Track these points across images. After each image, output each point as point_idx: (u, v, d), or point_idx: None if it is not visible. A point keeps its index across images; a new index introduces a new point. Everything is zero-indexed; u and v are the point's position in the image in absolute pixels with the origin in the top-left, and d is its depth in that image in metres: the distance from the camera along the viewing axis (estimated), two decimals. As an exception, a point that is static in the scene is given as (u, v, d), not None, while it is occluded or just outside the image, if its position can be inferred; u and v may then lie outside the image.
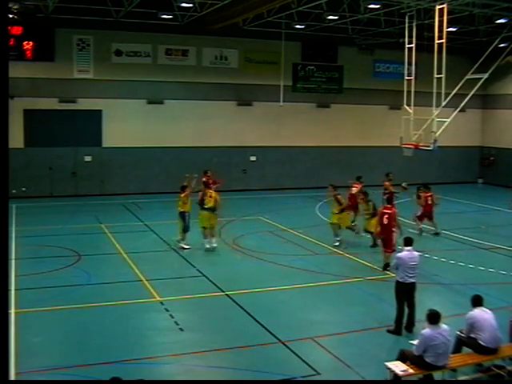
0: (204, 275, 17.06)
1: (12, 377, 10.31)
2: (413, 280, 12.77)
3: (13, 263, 17.52)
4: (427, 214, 23.17)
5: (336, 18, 29.98)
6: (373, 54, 36.34)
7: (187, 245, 19.87)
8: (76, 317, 13.68)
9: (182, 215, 19.81)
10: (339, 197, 20.90)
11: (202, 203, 20.32)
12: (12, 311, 13.58)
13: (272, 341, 12.30)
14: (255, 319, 13.50)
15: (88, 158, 31.59)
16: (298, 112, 34.93)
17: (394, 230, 17.35)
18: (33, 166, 30.20)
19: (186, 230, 19.92)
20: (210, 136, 33.23)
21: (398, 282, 12.77)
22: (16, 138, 30.22)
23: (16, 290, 15.12)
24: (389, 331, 12.61)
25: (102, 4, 27.96)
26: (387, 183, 23.77)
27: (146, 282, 16.25)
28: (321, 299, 15.32)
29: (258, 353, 11.86)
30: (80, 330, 12.87)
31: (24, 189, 28.92)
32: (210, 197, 19.94)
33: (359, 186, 22.41)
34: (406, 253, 12.83)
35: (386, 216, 17.28)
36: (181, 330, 12.91)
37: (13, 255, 18.51)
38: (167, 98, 32.59)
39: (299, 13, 29.38)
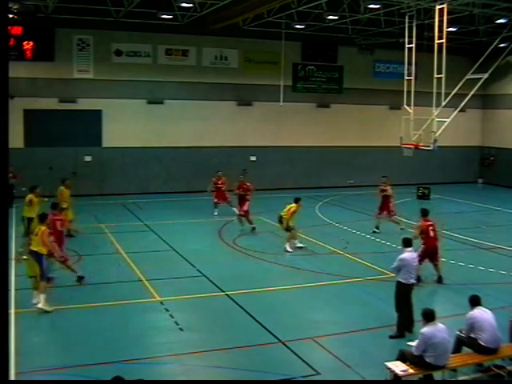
0: (204, 275, 17.06)
1: (12, 377, 10.31)
2: (413, 281, 12.81)
3: (13, 263, 17.49)
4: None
5: (336, 17, 30.01)
6: (373, 53, 36.35)
7: None
8: (76, 317, 13.69)
9: None
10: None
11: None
12: (12, 311, 13.57)
13: (272, 341, 12.30)
14: (255, 319, 13.51)
15: (88, 158, 31.60)
16: (298, 112, 34.94)
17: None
18: (33, 166, 30.14)
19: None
20: (210, 136, 33.24)
21: (400, 284, 12.66)
22: (16, 137, 30.20)
23: (16, 290, 15.12)
24: (392, 337, 12.46)
25: (102, 4, 27.97)
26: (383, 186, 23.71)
27: (146, 282, 16.25)
28: (321, 299, 15.32)
29: (258, 353, 11.86)
30: (80, 329, 12.87)
31: (24, 189, 28.84)
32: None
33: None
34: (408, 254, 12.79)
35: (431, 228, 16.62)
36: (181, 329, 12.92)
37: (13, 255, 18.48)
38: (167, 97, 32.60)
39: (299, 13, 29.40)
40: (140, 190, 31.66)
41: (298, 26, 31.91)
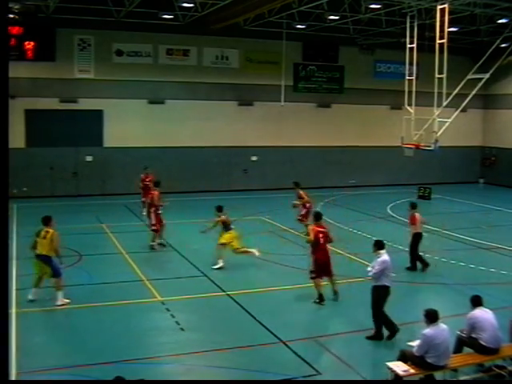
0: (205, 275, 17.07)
1: (13, 377, 10.32)
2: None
3: (14, 263, 17.52)
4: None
5: (337, 17, 30.01)
6: (374, 53, 36.34)
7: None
8: (77, 316, 13.71)
9: None
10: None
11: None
12: (13, 311, 13.59)
13: (273, 341, 12.30)
14: (256, 319, 13.51)
15: (89, 158, 31.63)
16: (299, 112, 34.95)
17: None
18: (34, 166, 30.20)
19: None
20: (210, 136, 33.26)
21: (385, 287, 12.35)
22: (17, 137, 30.24)
23: (16, 289, 15.12)
24: (370, 338, 12.35)
25: (103, 4, 27.99)
26: (302, 192, 23.14)
27: (146, 282, 16.26)
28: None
29: (259, 353, 11.87)
30: (81, 329, 12.88)
31: (25, 189, 28.91)
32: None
33: None
34: (386, 255, 12.54)
35: (322, 236, 14.83)
36: (182, 329, 12.92)
37: (14, 255, 18.51)
38: (168, 97, 32.61)
39: (300, 13, 29.40)
40: (139, 191, 31.60)
41: (298, 26, 31.93)
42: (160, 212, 20.37)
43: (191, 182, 32.42)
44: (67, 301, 14.31)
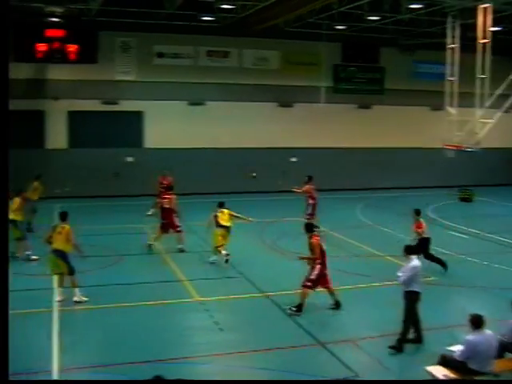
0: (243, 276, 17.11)
1: (55, 373, 10.51)
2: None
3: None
4: None
5: (377, 18, 29.78)
6: (414, 54, 35.95)
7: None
8: (116, 315, 13.87)
9: None
10: None
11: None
12: (54, 309, 13.85)
13: (311, 342, 12.28)
14: (294, 320, 13.49)
15: (130, 159, 31.99)
16: (339, 113, 34.78)
17: None
18: (76, 167, 30.65)
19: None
20: (250, 137, 33.32)
21: (415, 293, 12.09)
22: (60, 138, 30.84)
23: (58, 288, 15.41)
24: (393, 348, 11.93)
25: (144, 7, 28.25)
26: (309, 187, 23.43)
27: (185, 282, 16.36)
28: (360, 301, 15.22)
29: (296, 354, 11.84)
30: (120, 328, 13.03)
31: (67, 189, 29.30)
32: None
33: None
34: (417, 260, 12.28)
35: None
36: (220, 330, 12.96)
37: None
38: (208, 99, 32.80)
39: (340, 13, 29.24)
40: (180, 191, 31.74)
41: (338, 27, 31.77)
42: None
43: (230, 183, 32.49)
44: (85, 299, 14.47)
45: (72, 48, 29.81)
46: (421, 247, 17.18)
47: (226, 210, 19.02)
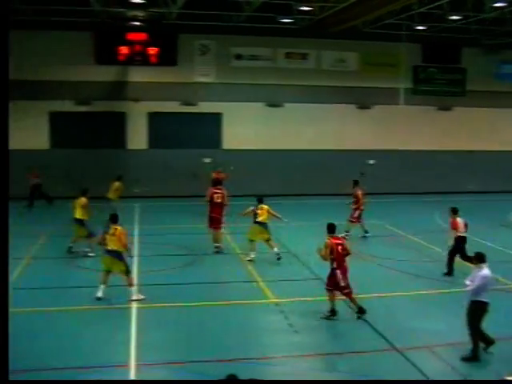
0: (320, 278, 16.99)
1: (132, 368, 10.72)
2: None
3: (135, 260, 18.23)
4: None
5: (459, 17, 29.13)
6: (498, 54, 34.96)
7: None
8: (191, 314, 14.02)
9: None
10: None
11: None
12: (134, 306, 14.14)
13: (386, 347, 12.09)
14: (370, 324, 13.32)
15: (208, 160, 32.35)
16: (418, 115, 34.23)
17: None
18: (155, 167, 31.29)
19: None
20: (327, 139, 33.19)
21: (483, 304, 11.58)
22: (140, 139, 31.53)
23: (138, 285, 15.73)
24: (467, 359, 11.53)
25: (223, 9, 28.55)
26: (360, 192, 22.77)
27: (261, 283, 16.40)
28: (438, 306, 14.88)
29: (371, 358, 11.67)
30: (194, 327, 13.15)
31: (147, 188, 29.90)
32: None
33: None
34: (487, 270, 11.71)
35: (341, 248, 13.99)
36: (295, 332, 12.90)
37: (135, 252, 19.27)
38: (286, 101, 32.89)
39: (420, 13, 28.76)
40: (257, 192, 31.85)
41: (418, 28, 31.24)
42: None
43: (307, 184, 32.43)
44: (142, 297, 14.65)
45: (152, 51, 30.47)
46: (457, 246, 17.35)
47: (265, 207, 19.15)
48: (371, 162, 34.05)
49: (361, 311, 13.74)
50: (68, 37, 30.07)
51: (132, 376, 10.52)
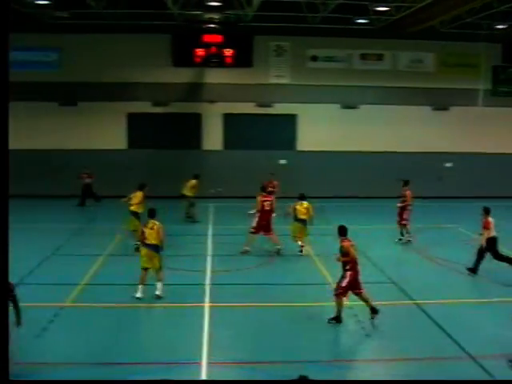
0: (393, 282, 16.81)
1: (204, 367, 10.86)
2: None
3: (209, 259, 18.50)
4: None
5: (542, 16, 28.22)
6: None
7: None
8: (265, 314, 14.09)
9: None
10: None
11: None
12: (206, 305, 14.33)
13: (461, 355, 11.81)
14: (445, 331, 13.06)
15: (283, 161, 32.45)
16: (498, 117, 33.25)
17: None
18: (230, 167, 31.63)
19: None
20: (403, 141, 32.67)
21: None
22: (215, 140, 31.95)
23: (210, 284, 15.96)
24: None
25: (299, 11, 28.56)
26: (408, 192, 21.98)
27: (333, 286, 16.28)
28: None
29: (446, 366, 11.43)
30: (265, 327, 13.21)
31: (220, 189, 30.20)
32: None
33: None
34: None
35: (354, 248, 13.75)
36: (367, 336, 12.80)
37: (209, 251, 19.55)
38: (361, 102, 32.60)
39: (500, 12, 27.99)
40: (331, 194, 31.80)
41: (498, 27, 30.42)
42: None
43: (382, 187, 32.03)
44: (161, 295, 14.78)
45: (228, 52, 30.72)
46: (489, 246, 17.25)
47: (305, 203, 19.76)
48: (448, 164, 33.33)
49: (336, 319, 13.44)
50: (146, 39, 30.73)
51: (203, 375, 10.65)
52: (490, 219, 17.55)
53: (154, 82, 31.38)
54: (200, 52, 30.44)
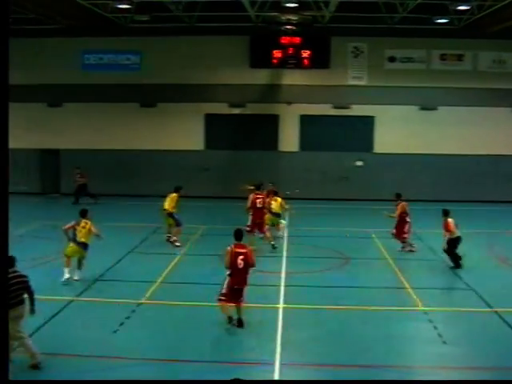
0: (472, 289, 16.41)
1: (276, 368, 10.89)
2: None
3: (284, 261, 18.58)
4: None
5: None
6: None
7: None
8: (337, 317, 14.00)
9: None
10: None
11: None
12: (280, 306, 14.37)
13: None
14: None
15: (359, 163, 32.25)
16: None
17: None
18: (306, 169, 31.66)
19: None
20: (483, 144, 31.84)
21: None
22: (292, 141, 32.03)
23: (285, 286, 16.00)
24: None
25: (377, 11, 28.31)
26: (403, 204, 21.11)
27: (410, 290, 16.09)
28: None
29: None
30: (338, 330, 13.10)
31: (297, 190, 30.19)
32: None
33: None
34: None
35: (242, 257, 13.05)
36: (443, 343, 12.53)
37: (284, 253, 19.62)
38: (440, 104, 31.98)
39: None
40: (411, 197, 31.14)
41: None
42: None
43: (458, 190, 31.36)
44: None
45: (305, 54, 30.80)
46: (450, 247, 17.83)
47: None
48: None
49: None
50: (224, 41, 31.14)
51: (276, 376, 10.69)
52: (450, 220, 18.04)
53: (231, 83, 31.74)
54: (277, 53, 30.63)
